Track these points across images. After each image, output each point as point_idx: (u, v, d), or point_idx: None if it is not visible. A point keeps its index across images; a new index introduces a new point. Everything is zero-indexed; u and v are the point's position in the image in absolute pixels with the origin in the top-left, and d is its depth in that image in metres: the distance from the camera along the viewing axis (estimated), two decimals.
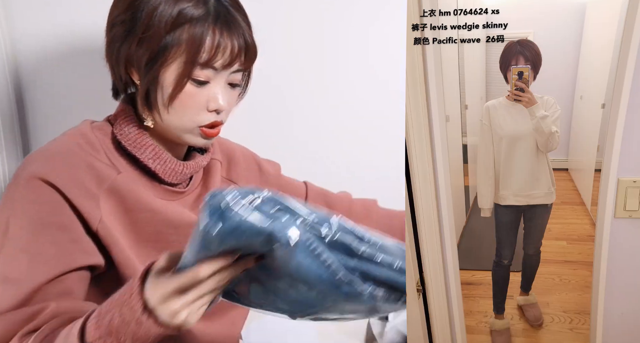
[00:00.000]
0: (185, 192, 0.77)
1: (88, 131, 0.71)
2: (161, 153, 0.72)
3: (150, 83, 0.67)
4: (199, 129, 0.69)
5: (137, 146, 0.71)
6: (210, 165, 0.83)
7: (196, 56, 0.64)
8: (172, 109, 0.68)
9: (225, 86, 0.70)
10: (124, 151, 0.71)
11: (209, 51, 0.65)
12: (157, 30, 0.64)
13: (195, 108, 0.68)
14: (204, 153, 0.81)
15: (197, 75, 0.66)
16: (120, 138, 0.70)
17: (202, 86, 0.67)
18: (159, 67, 0.66)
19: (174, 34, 0.64)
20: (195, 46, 0.64)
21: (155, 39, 0.65)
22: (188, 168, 0.75)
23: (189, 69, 0.65)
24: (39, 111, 1.05)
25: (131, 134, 0.71)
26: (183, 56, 0.65)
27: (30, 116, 1.05)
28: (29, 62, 1.03)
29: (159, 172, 0.72)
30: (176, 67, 0.65)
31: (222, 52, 0.66)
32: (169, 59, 0.65)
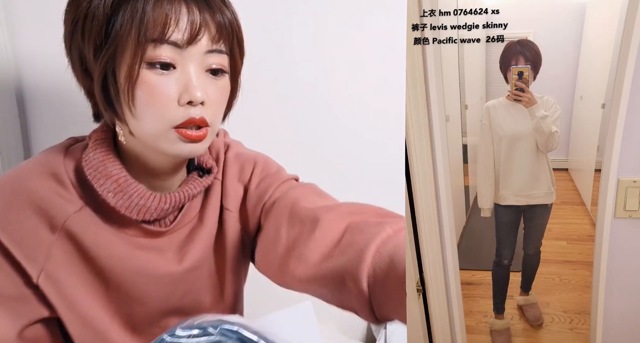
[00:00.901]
0: (167, 231, 0.63)
1: (58, 157, 0.60)
2: (127, 185, 0.58)
3: (103, 80, 0.55)
4: (175, 131, 0.55)
5: (98, 176, 0.57)
6: (211, 190, 0.68)
7: (144, 31, 0.52)
8: (136, 109, 0.54)
9: (200, 71, 0.56)
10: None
11: (159, 22, 0.52)
12: (97, 13, 0.53)
13: (161, 102, 0.54)
14: (206, 173, 0.67)
15: (154, 56, 0.53)
16: (84, 165, 0.58)
17: (167, 73, 0.54)
18: (108, 58, 0.53)
19: (119, 15, 0.52)
20: (138, 19, 0.52)
21: (96, 24, 0.53)
22: (167, 201, 0.60)
23: (139, 48, 0.52)
24: (39, 114, 1.05)
25: (95, 160, 0.58)
26: (132, 36, 0.52)
27: (31, 118, 1.05)
28: (30, 64, 1.02)
29: (121, 209, 0.57)
30: (128, 53, 0.53)
31: (174, 21, 0.52)
32: (118, 45, 0.53)
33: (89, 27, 0.54)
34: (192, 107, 0.55)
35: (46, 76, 1.02)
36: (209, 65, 0.56)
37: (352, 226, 0.58)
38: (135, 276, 0.60)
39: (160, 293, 0.63)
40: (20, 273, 0.55)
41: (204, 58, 0.55)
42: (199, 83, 0.55)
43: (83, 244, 0.57)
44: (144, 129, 0.56)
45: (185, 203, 0.64)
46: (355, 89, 1.07)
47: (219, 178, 0.69)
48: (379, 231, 0.53)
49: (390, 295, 0.48)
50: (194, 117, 0.55)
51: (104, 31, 0.53)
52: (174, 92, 0.54)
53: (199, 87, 0.55)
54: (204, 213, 0.67)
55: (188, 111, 0.55)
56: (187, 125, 0.55)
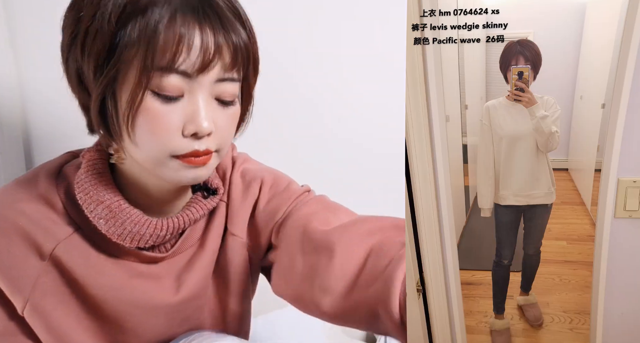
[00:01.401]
0: (165, 257, 0.58)
1: (50, 178, 0.55)
2: (119, 211, 0.53)
3: (101, 101, 0.50)
4: (176, 160, 0.50)
5: (88, 200, 0.52)
6: (216, 212, 0.63)
7: (151, 56, 0.46)
8: (135, 136, 0.49)
9: (209, 100, 0.51)
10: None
11: (170, 47, 0.46)
12: (101, 27, 0.46)
13: (164, 132, 0.49)
14: (212, 194, 0.62)
15: (161, 86, 0.48)
16: (75, 188, 0.54)
17: (172, 103, 0.49)
18: (110, 79, 0.48)
19: (124, 31, 0.46)
20: (147, 41, 0.46)
21: (99, 40, 0.47)
22: (163, 228, 0.55)
23: (144, 75, 0.47)
24: (39, 114, 1.05)
25: (86, 184, 0.53)
26: (137, 59, 0.47)
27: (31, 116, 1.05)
28: (32, 67, 1.02)
29: (113, 237, 0.53)
30: (132, 76, 0.48)
31: (187, 47, 0.47)
32: (122, 67, 0.47)
33: (90, 43, 0.48)
34: (196, 139, 0.50)
35: (47, 74, 1.02)
36: (219, 94, 0.51)
37: (374, 250, 0.54)
38: (129, 307, 0.56)
39: (156, 324, 0.58)
40: (4, 305, 0.52)
41: (214, 87, 0.51)
42: (207, 114, 0.50)
43: (73, 272, 0.53)
44: (143, 155, 0.51)
45: (186, 228, 0.59)
46: (355, 89, 1.07)
47: (225, 200, 0.64)
48: (401, 255, 0.50)
49: None
50: (197, 150, 0.50)
51: (107, 47, 0.47)
52: (179, 122, 0.49)
53: (207, 118, 0.50)
54: (207, 238, 0.62)
55: (192, 143, 0.50)
56: (190, 157, 0.51)
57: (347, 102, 1.08)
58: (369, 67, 1.05)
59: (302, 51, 1.05)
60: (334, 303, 0.53)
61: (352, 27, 1.03)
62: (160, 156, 0.50)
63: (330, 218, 0.61)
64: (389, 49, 0.99)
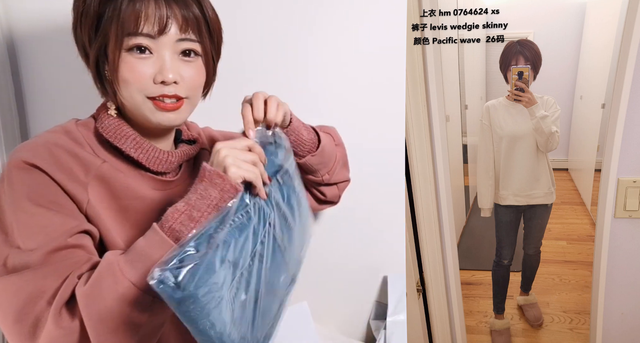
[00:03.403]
0: (174, 181, 0.76)
1: (72, 128, 0.71)
2: (142, 142, 0.71)
3: (96, 64, 0.67)
4: (151, 102, 0.67)
5: (118, 136, 0.70)
6: (200, 156, 0.82)
7: (121, 26, 0.64)
8: (120, 86, 0.67)
9: (174, 56, 0.67)
10: (108, 144, 0.71)
11: (133, 18, 0.64)
12: (90, 10, 0.65)
13: (140, 80, 0.66)
14: (192, 143, 0.81)
15: (131, 43, 0.65)
16: (101, 131, 0.70)
17: (145, 57, 0.66)
18: (99, 44, 0.66)
19: (105, 12, 0.65)
20: (117, 16, 0.64)
21: (89, 19, 0.65)
22: (173, 155, 0.74)
23: (118, 39, 0.64)
24: (38, 107, 1.05)
25: (111, 126, 0.71)
26: (112, 29, 0.65)
27: (30, 112, 1.05)
28: (29, 58, 1.03)
29: (142, 160, 0.71)
30: (112, 42, 0.65)
31: (144, 17, 0.64)
32: (105, 38, 0.65)
33: (84, 22, 0.66)
34: (165, 85, 0.66)
35: (45, 71, 1.02)
36: (181, 50, 0.67)
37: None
38: (155, 214, 0.70)
39: None
40: (75, 202, 0.66)
41: (176, 45, 0.67)
42: (172, 66, 0.66)
43: (113, 188, 0.69)
44: (128, 102, 0.68)
45: (182, 161, 0.76)
46: (355, 89, 1.07)
47: (207, 148, 0.83)
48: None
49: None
50: (166, 93, 0.67)
51: (95, 24, 0.66)
52: (151, 73, 0.66)
53: (171, 69, 0.66)
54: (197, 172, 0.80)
55: (162, 88, 0.66)
56: (162, 98, 0.67)
57: (347, 101, 1.08)
58: (369, 67, 1.05)
59: (302, 51, 1.05)
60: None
61: (352, 27, 1.03)
62: (138, 97, 0.67)
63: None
64: (389, 49, 0.99)
